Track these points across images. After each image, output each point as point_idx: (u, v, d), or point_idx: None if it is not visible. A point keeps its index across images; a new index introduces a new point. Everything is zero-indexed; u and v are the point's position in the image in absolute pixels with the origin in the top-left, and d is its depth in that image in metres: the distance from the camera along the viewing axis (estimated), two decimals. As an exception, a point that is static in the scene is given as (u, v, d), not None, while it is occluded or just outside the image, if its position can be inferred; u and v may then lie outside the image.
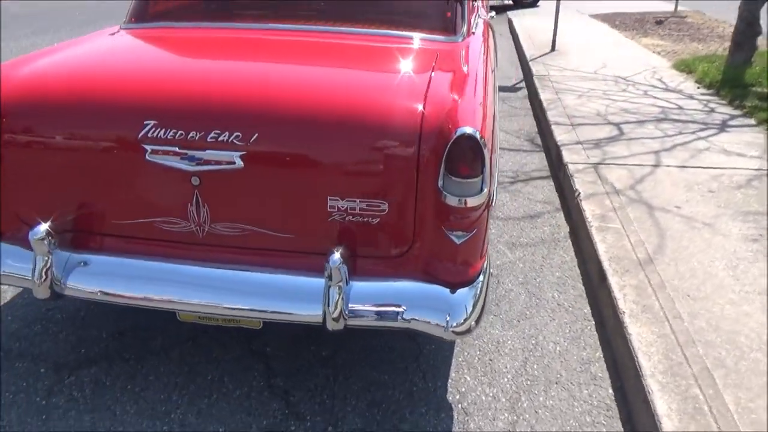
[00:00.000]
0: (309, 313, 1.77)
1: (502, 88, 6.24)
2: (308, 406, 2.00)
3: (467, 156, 1.61)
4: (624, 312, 2.20)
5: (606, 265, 2.53)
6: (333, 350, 2.25)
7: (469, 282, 1.78)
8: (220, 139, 1.75)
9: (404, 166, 1.70)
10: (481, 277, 1.82)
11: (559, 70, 6.42)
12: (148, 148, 1.78)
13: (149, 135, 1.77)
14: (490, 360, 2.25)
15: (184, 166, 1.78)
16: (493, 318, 2.48)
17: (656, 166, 3.68)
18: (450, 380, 2.14)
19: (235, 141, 1.74)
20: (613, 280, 2.42)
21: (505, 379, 2.15)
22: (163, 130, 1.77)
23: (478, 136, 1.59)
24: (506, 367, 2.21)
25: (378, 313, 1.77)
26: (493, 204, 2.21)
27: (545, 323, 2.46)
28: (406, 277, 1.81)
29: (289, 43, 2.32)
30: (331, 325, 1.74)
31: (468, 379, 2.15)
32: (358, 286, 1.79)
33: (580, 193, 3.25)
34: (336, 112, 1.74)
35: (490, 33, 3.47)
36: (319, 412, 1.98)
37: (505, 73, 7.03)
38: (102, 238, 1.96)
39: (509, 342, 2.35)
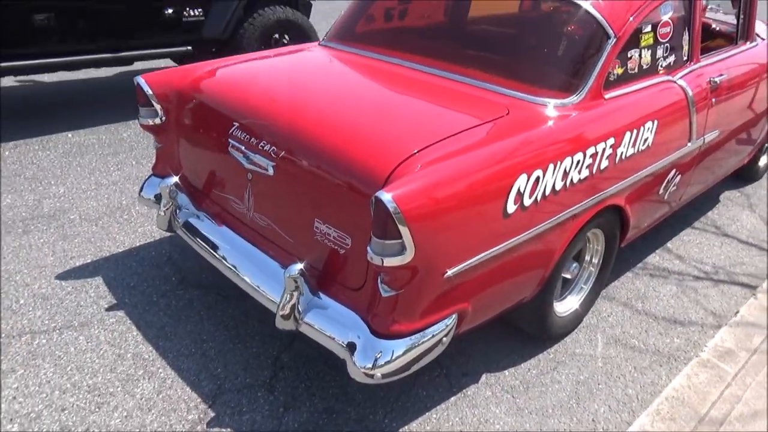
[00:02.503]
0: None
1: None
2: (285, 386, 2.34)
3: (379, 218, 1.67)
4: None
5: (655, 407, 2.08)
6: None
7: (388, 336, 1.84)
8: (265, 148, 2.18)
9: (365, 212, 1.84)
10: (407, 339, 1.84)
11: None
12: (230, 142, 2.33)
13: (233, 133, 2.32)
14: (460, 432, 2.18)
15: (244, 162, 2.27)
16: (509, 398, 2.33)
17: None
18: (404, 428, 2.18)
19: (272, 153, 2.16)
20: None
21: (454, 455, 2.08)
22: (240, 132, 2.29)
23: (392, 206, 1.63)
24: (468, 446, 2.12)
25: (321, 327, 1.99)
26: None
27: (558, 426, 2.20)
28: (356, 310, 1.96)
29: (386, 77, 2.55)
30: (279, 323, 2.04)
31: (422, 435, 2.15)
32: (319, 301, 2.04)
33: (738, 313, 2.60)
34: (334, 150, 1.98)
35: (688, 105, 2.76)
36: (287, 393, 2.30)
37: None
38: (207, 200, 2.62)
39: (498, 426, 2.20)
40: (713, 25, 3.94)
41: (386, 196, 1.64)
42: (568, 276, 2.60)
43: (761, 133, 3.98)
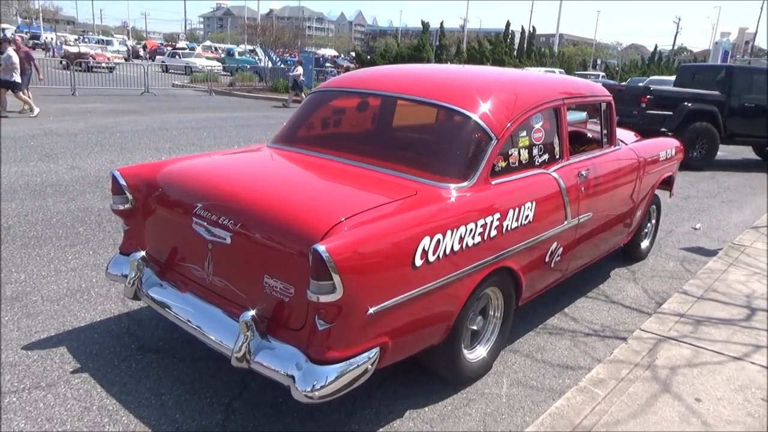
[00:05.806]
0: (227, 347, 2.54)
1: (695, 250, 5.83)
2: (236, 426, 2.70)
3: (316, 264, 2.21)
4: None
5: (540, 420, 2.59)
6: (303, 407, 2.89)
7: (325, 362, 2.31)
8: (224, 223, 2.70)
9: (304, 265, 2.36)
10: (339, 365, 2.32)
11: (775, 246, 5.65)
12: (193, 220, 2.84)
13: (196, 212, 2.84)
14: (387, 454, 2.59)
15: (205, 235, 2.78)
16: (428, 427, 2.78)
17: (739, 359, 3.26)
18: (341, 453, 2.57)
19: (229, 225, 2.68)
20: None
21: (381, 471, 2.48)
22: (203, 210, 2.81)
23: (326, 255, 2.17)
24: (392, 464, 2.53)
25: (268, 364, 2.43)
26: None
27: (466, 450, 2.65)
28: (298, 346, 2.43)
29: (322, 168, 3.18)
30: (234, 363, 2.47)
31: (355, 458, 2.55)
32: (267, 343, 2.49)
33: (612, 354, 3.19)
34: (282, 219, 2.52)
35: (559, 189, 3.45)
36: (239, 431, 2.67)
37: (723, 233, 6.43)
38: (169, 270, 3.08)
39: (418, 449, 2.63)
40: (588, 134, 4.89)
41: (321, 248, 2.19)
42: (476, 328, 3.16)
43: (635, 219, 4.84)
